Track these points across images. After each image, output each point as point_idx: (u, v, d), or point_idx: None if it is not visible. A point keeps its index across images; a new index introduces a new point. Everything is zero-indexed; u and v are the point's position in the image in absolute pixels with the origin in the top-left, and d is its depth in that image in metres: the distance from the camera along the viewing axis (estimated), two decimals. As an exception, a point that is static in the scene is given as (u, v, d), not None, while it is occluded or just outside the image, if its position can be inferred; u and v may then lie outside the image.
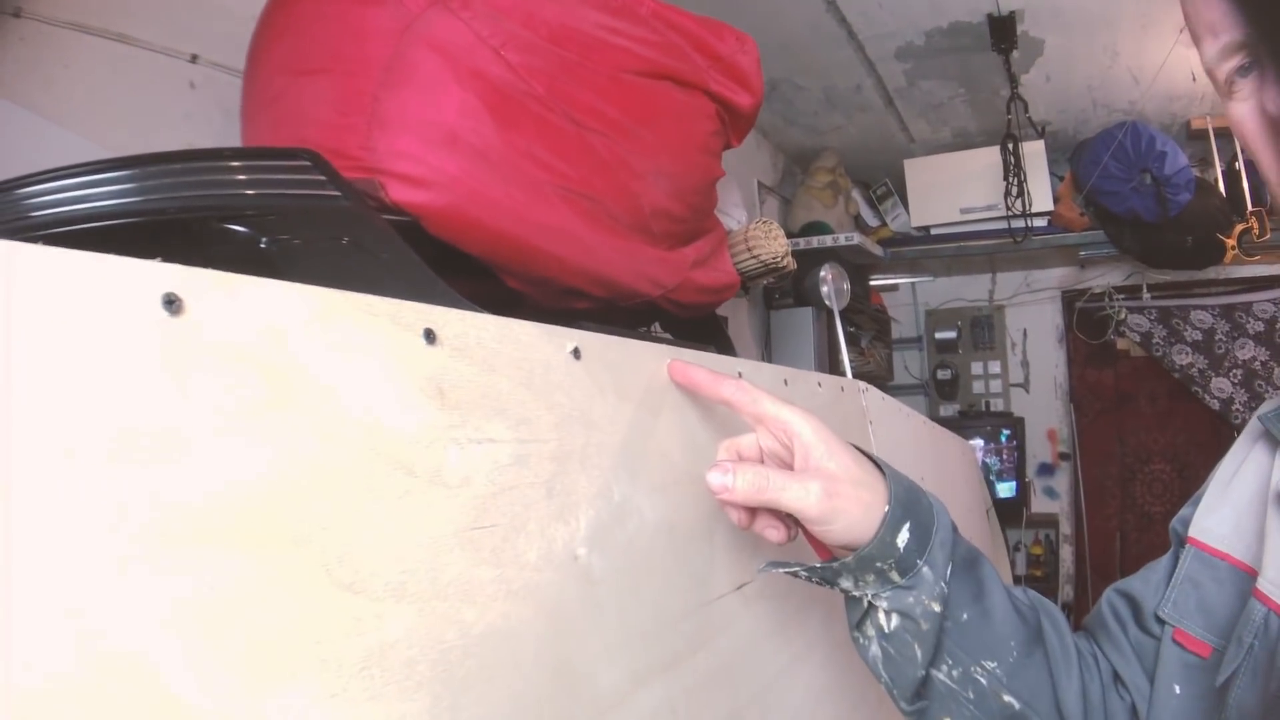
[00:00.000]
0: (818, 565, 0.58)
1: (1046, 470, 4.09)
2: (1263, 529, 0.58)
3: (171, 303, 0.30)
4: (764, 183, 3.63)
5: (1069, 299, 3.95)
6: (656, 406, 0.62)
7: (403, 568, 0.38)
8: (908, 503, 0.57)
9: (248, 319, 0.33)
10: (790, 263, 1.91)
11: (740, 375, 0.86)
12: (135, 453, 0.28)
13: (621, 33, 1.10)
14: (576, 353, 0.55)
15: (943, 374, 4.45)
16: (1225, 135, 2.87)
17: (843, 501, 0.55)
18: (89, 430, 0.27)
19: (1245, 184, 2.70)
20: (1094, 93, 2.85)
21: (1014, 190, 2.62)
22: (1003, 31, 2.44)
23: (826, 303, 2.95)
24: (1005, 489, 3.82)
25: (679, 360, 0.65)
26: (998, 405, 4.28)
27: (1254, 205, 2.66)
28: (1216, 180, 2.83)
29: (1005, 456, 3.89)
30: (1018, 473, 3.90)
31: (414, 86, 1.01)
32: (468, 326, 0.45)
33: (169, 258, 0.31)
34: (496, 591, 0.43)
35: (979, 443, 3.89)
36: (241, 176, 0.82)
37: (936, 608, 0.56)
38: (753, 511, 0.59)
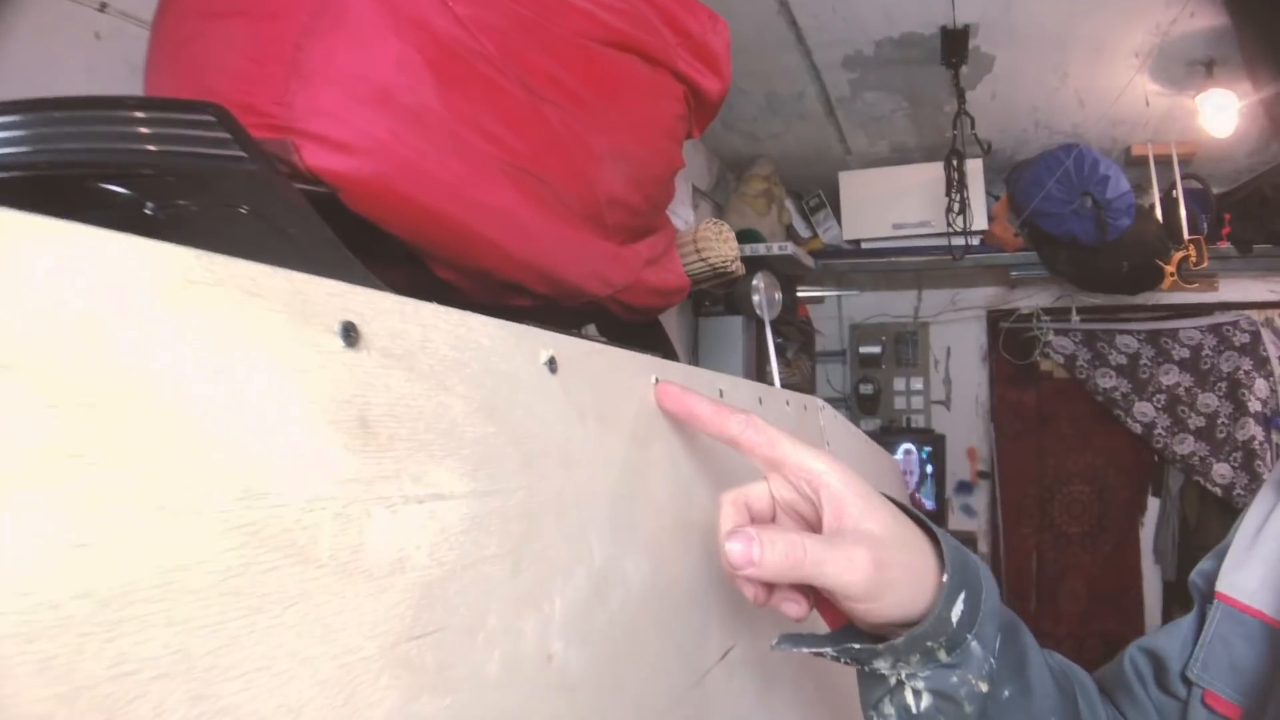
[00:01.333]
0: (855, 646, 0.46)
1: (965, 488, 4.12)
2: None
3: None
4: (699, 187, 3.54)
5: (994, 318, 3.97)
6: (646, 436, 0.48)
7: None
8: (961, 566, 0.47)
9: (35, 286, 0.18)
10: (739, 268, 1.79)
11: (721, 394, 0.73)
12: None
13: (586, -8, 0.96)
14: (552, 364, 0.40)
15: (865, 389, 4.46)
16: (1164, 162, 2.91)
17: (893, 573, 0.44)
18: None
19: (1183, 212, 2.74)
20: (1037, 114, 2.84)
21: (955, 206, 2.58)
22: (955, 45, 2.39)
23: (758, 312, 2.88)
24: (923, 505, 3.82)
25: (671, 384, 0.52)
26: (919, 422, 4.30)
27: (1191, 234, 2.70)
28: (1153, 207, 2.86)
29: (926, 473, 3.90)
30: (936, 490, 3.91)
31: (344, 34, 0.84)
32: (408, 322, 0.30)
33: None
34: (442, 728, 0.28)
35: (899, 458, 3.89)
36: (145, 130, 0.71)
37: (984, 687, 0.47)
38: (771, 585, 0.47)
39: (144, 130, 0.69)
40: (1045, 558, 3.72)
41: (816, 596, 0.50)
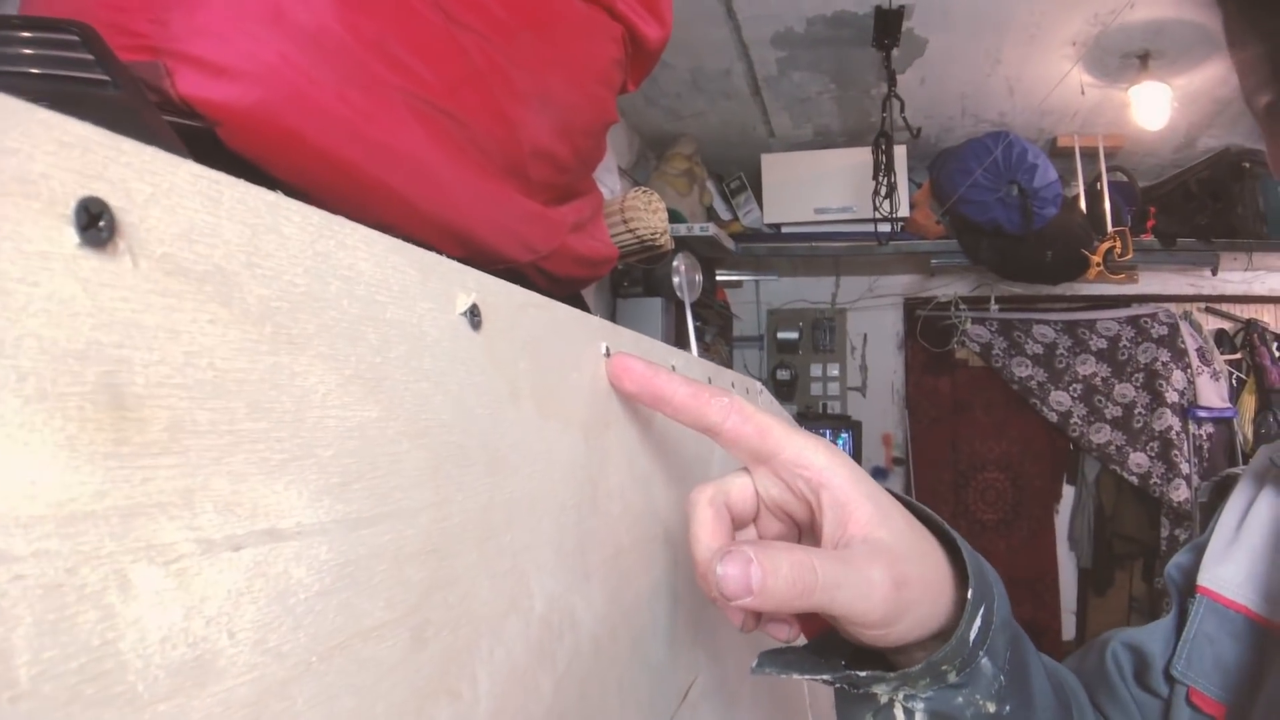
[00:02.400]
0: (861, 674, 0.39)
1: (880, 474, 4.14)
2: None
3: None
4: (620, 165, 3.42)
5: (911, 306, 3.99)
6: (598, 422, 0.35)
7: None
8: (979, 574, 0.41)
9: None
10: (668, 241, 1.67)
11: (675, 369, 0.61)
12: None
13: (512, -95, 0.82)
14: (474, 315, 0.27)
15: (782, 374, 4.44)
16: (1090, 154, 2.94)
17: (912, 593, 0.37)
18: None
19: (1107, 204, 2.77)
20: (965, 100, 2.81)
21: (883, 190, 2.53)
22: (888, 26, 2.33)
23: (678, 294, 2.79)
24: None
25: (630, 357, 0.41)
26: (835, 408, 4.31)
27: (1115, 225, 2.73)
28: (1078, 198, 2.89)
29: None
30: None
31: (229, -61, 0.69)
32: (222, 216, 0.17)
33: None
34: None
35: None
36: (22, 50, 0.63)
37: (991, 708, 0.41)
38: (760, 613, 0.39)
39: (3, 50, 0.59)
40: (960, 544, 3.75)
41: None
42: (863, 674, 0.39)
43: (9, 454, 0.12)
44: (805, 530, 0.42)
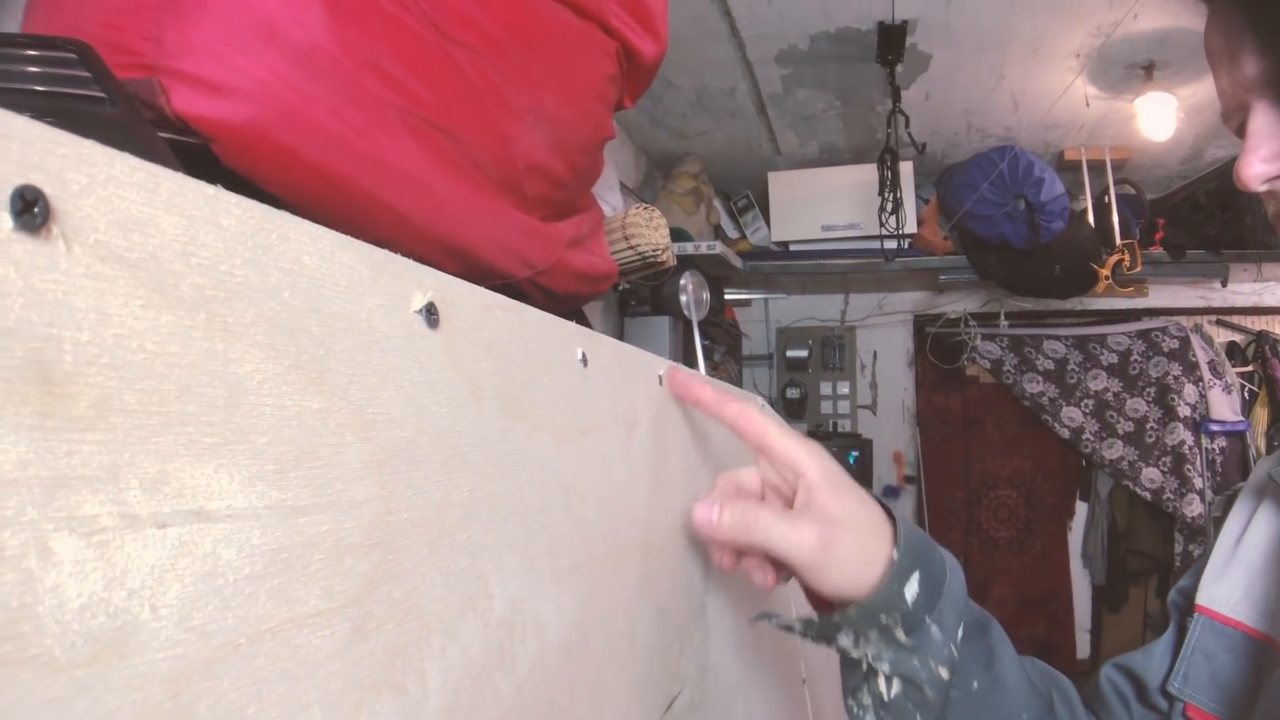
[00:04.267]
0: (815, 620, 0.52)
1: (891, 493, 4.10)
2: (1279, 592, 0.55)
3: None
4: (626, 184, 3.44)
5: (921, 323, 3.97)
6: (571, 428, 0.35)
7: None
8: (918, 552, 0.51)
9: None
10: (670, 258, 1.67)
11: (660, 381, 0.62)
12: None
13: (506, -75, 0.84)
14: (431, 314, 0.27)
15: (792, 392, 4.42)
16: (1097, 168, 2.92)
17: (841, 548, 0.49)
18: None
19: (1115, 217, 2.75)
20: (971, 115, 2.81)
21: (889, 205, 2.53)
22: (891, 42, 2.34)
23: (685, 313, 2.80)
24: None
25: (681, 369, 0.60)
26: (845, 426, 4.28)
27: (1124, 237, 2.71)
28: (1086, 211, 2.87)
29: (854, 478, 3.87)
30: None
31: (225, -42, 0.71)
32: (158, 206, 0.17)
33: None
34: None
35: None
36: (23, 68, 0.63)
37: (944, 674, 0.51)
38: (739, 552, 0.54)
39: (9, 69, 0.59)
40: (973, 562, 3.71)
41: (803, 588, 0.53)
42: (816, 619, 0.51)
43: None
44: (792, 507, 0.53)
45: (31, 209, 0.16)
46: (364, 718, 0.21)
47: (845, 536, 0.49)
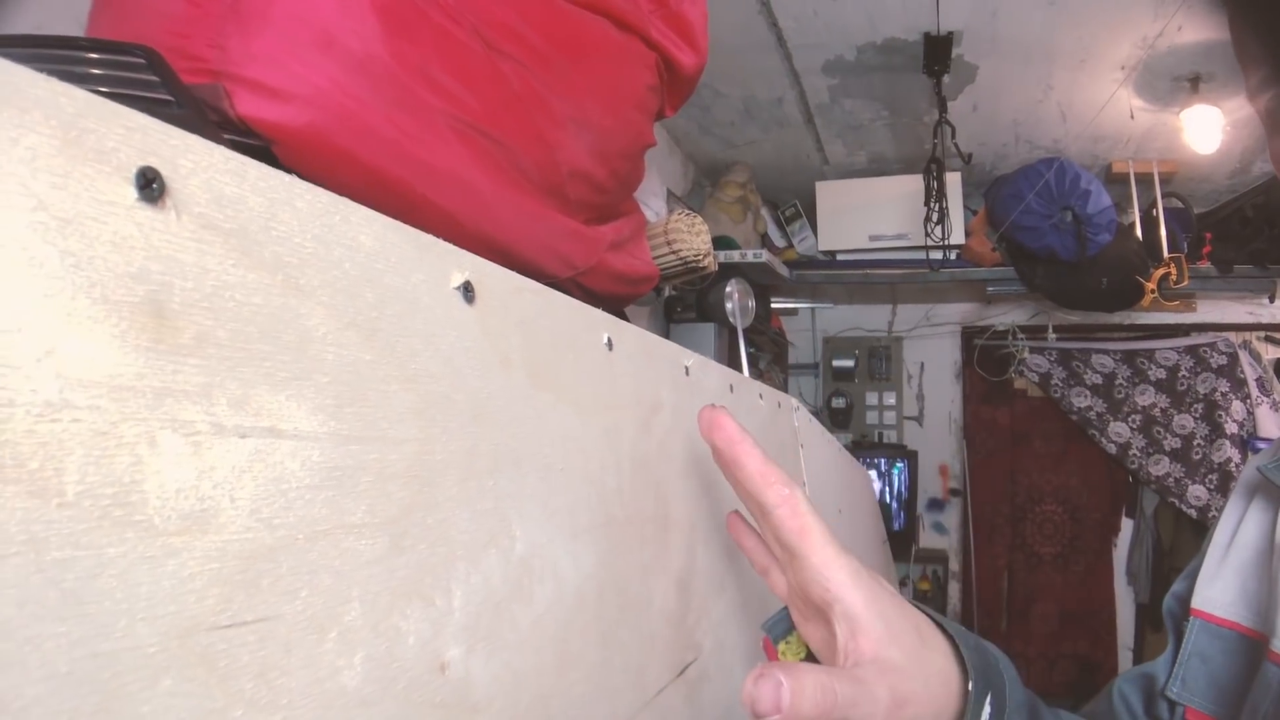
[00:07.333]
0: None
1: (937, 506, 4.07)
2: (1272, 589, 0.54)
3: None
4: (674, 191, 3.48)
5: (969, 335, 3.94)
6: (593, 406, 0.39)
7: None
8: (980, 667, 0.43)
9: None
10: (712, 263, 1.71)
11: (687, 371, 0.65)
12: None
13: (552, -58, 0.88)
14: (468, 291, 0.31)
15: (837, 402, 4.40)
16: (1145, 180, 2.88)
17: (915, 708, 0.40)
18: None
19: (1163, 230, 2.71)
20: (1019, 127, 2.80)
21: (935, 216, 2.52)
22: (937, 53, 2.34)
23: (730, 320, 2.82)
24: (895, 521, 3.77)
25: (726, 413, 0.42)
26: (891, 437, 4.25)
27: (1171, 251, 2.67)
28: (1133, 225, 2.83)
29: (897, 489, 3.85)
30: (908, 506, 3.85)
31: (284, -29, 0.76)
32: (247, 188, 0.22)
33: None
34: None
35: (872, 473, 3.84)
36: (73, 70, 0.66)
37: None
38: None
39: (72, 70, 0.62)
40: (1017, 577, 3.66)
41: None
42: None
43: (81, 336, 0.17)
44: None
45: (151, 185, 0.20)
46: (395, 618, 0.25)
47: (915, 691, 0.41)
